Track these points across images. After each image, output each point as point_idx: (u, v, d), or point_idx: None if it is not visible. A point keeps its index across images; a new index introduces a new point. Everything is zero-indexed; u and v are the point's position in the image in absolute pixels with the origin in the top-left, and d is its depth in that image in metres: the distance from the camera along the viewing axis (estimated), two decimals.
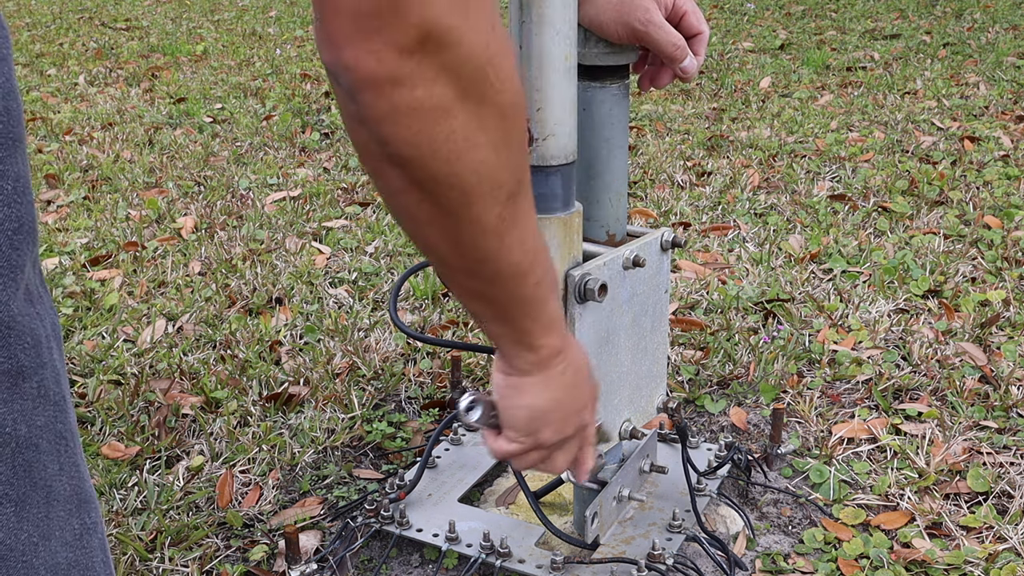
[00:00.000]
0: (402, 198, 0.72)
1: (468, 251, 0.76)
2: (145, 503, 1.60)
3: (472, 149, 0.69)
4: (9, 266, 0.62)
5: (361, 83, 0.63)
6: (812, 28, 5.59)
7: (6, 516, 0.64)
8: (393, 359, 2.03)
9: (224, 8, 7.03)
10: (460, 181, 0.70)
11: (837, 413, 1.83)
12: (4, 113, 0.60)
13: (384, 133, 0.66)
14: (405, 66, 0.62)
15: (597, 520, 1.33)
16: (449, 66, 0.64)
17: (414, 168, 0.68)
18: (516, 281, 0.81)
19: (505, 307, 0.84)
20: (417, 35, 0.62)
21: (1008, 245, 2.50)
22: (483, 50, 0.65)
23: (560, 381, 0.93)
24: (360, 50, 0.62)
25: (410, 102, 0.64)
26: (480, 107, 0.67)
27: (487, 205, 0.73)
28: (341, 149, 3.51)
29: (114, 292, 2.35)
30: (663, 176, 3.13)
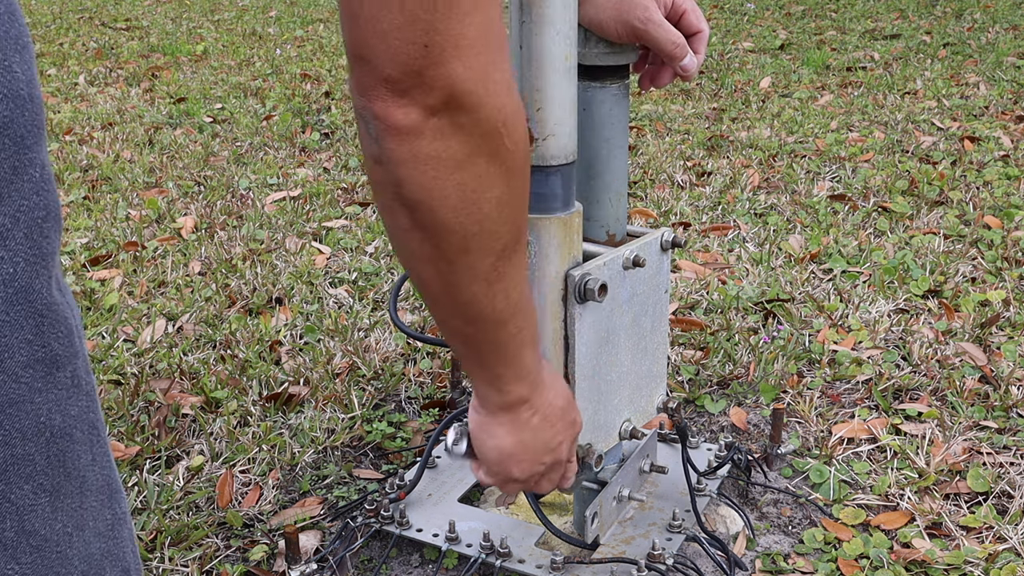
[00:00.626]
0: (406, 235, 0.78)
1: (457, 292, 0.82)
2: (145, 503, 1.60)
3: (478, 202, 0.76)
4: (41, 254, 0.62)
5: (387, 131, 0.71)
6: (812, 28, 5.60)
7: (41, 506, 0.65)
8: (393, 359, 2.03)
9: (224, 8, 7.03)
10: (462, 229, 0.76)
11: (837, 413, 1.83)
12: (29, 101, 0.61)
13: (400, 176, 0.73)
14: (428, 122, 0.70)
15: (597, 520, 1.33)
16: (467, 126, 0.72)
17: (422, 211, 0.75)
18: (495, 327, 0.87)
19: (481, 349, 0.91)
20: (441, 98, 0.70)
21: (1008, 245, 2.50)
22: (498, 113, 0.73)
23: (526, 426, 1.00)
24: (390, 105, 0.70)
25: (429, 152, 0.71)
26: (490, 164, 0.75)
27: (482, 254, 0.79)
28: (341, 149, 3.51)
29: (114, 292, 2.35)
30: (663, 176, 3.13)
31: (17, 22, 0.61)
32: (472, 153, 0.73)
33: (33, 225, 0.62)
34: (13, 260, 0.61)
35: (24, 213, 0.61)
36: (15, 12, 0.61)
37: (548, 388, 1.01)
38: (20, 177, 0.61)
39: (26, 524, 0.64)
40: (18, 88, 0.60)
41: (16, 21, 0.61)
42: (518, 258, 0.84)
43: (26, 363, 0.62)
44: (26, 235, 0.61)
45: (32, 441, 0.64)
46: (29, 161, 0.61)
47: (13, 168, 0.60)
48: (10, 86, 0.59)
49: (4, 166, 0.59)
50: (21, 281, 0.61)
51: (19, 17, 0.62)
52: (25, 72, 0.61)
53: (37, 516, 0.65)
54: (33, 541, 0.65)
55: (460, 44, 0.68)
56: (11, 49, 0.60)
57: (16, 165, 0.60)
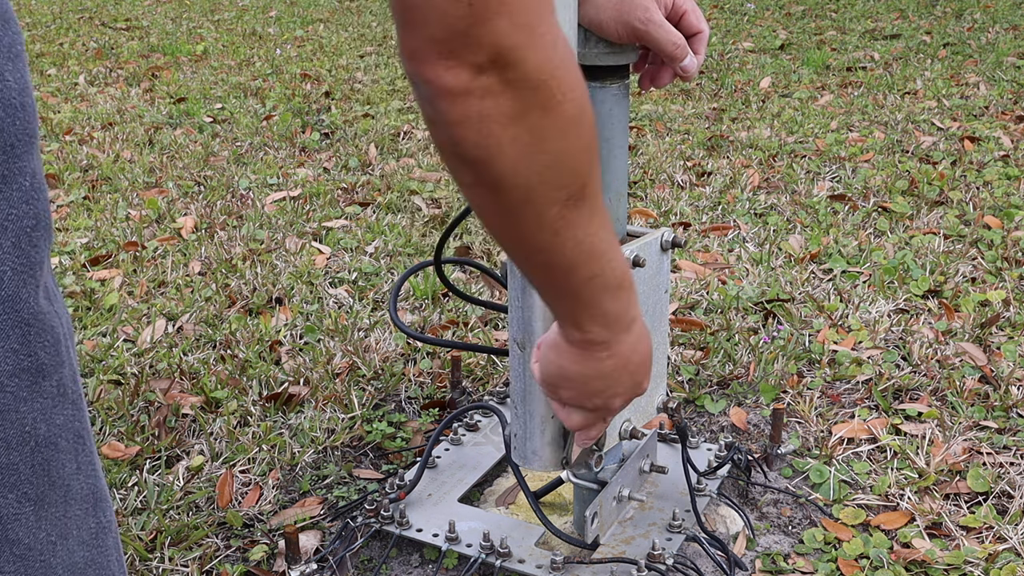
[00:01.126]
0: (471, 191, 0.80)
1: (525, 242, 0.84)
2: (145, 503, 1.60)
3: (535, 154, 0.76)
4: (29, 263, 0.62)
5: (437, 94, 0.72)
6: (812, 28, 5.60)
7: (25, 515, 0.64)
8: (393, 359, 2.03)
9: (224, 8, 7.03)
10: (523, 181, 0.77)
11: (837, 413, 1.83)
12: (21, 109, 0.61)
13: (456, 136, 0.74)
14: (476, 81, 0.71)
15: (597, 520, 1.33)
16: (515, 81, 0.72)
17: (481, 168, 0.76)
18: (567, 273, 0.88)
19: (555, 292, 0.92)
20: (488, 56, 0.70)
21: (1008, 245, 2.50)
22: (546, 65, 0.73)
23: (596, 365, 0.99)
24: (438, 67, 0.71)
25: (480, 111, 0.72)
26: (543, 117, 0.75)
27: (546, 204, 0.80)
28: (341, 149, 3.51)
29: (114, 292, 2.35)
30: (663, 176, 3.13)
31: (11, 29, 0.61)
32: (523, 108, 0.74)
33: (22, 234, 0.61)
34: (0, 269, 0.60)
35: (12, 222, 0.61)
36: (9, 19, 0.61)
37: (633, 340, 1.00)
38: (9, 186, 0.61)
39: (10, 533, 0.64)
40: (9, 96, 0.60)
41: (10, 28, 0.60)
42: (587, 205, 0.84)
43: (11, 372, 0.62)
44: (14, 244, 0.61)
45: (16, 450, 0.63)
46: (19, 170, 0.61)
47: (3, 176, 0.60)
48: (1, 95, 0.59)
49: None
50: (8, 290, 0.61)
51: (13, 24, 0.61)
52: (17, 80, 0.61)
53: (21, 525, 0.64)
54: (17, 550, 0.65)
55: (503, 1, 0.69)
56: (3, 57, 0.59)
57: (6, 174, 0.60)
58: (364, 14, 6.68)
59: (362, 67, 4.93)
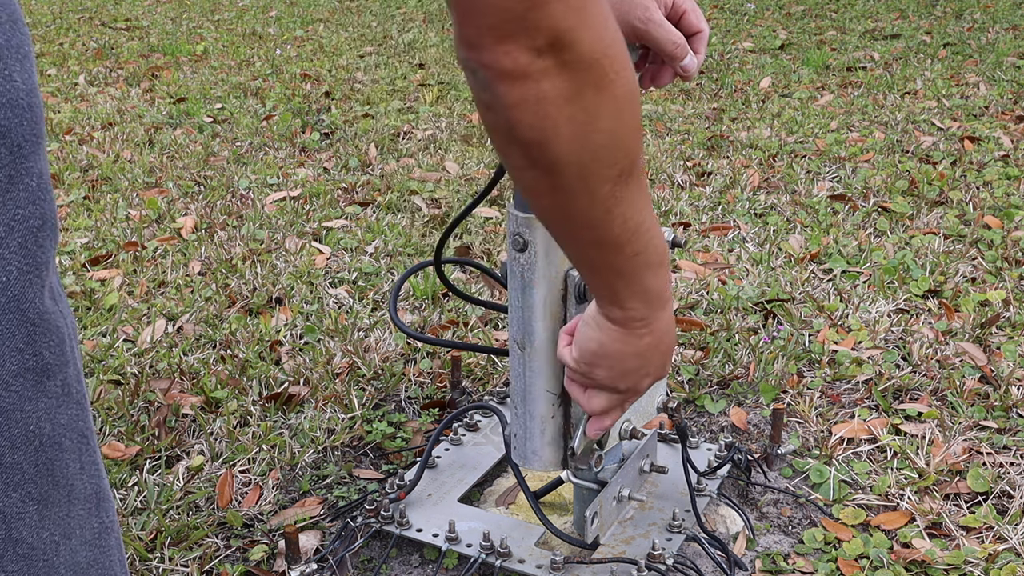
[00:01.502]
0: (523, 173, 0.82)
1: (576, 220, 0.86)
2: (145, 503, 1.60)
3: (590, 133, 0.78)
4: (35, 263, 0.62)
5: (496, 78, 0.74)
6: (812, 28, 5.60)
7: (29, 515, 0.65)
8: (393, 359, 2.03)
9: (224, 8, 7.03)
10: (577, 160, 0.79)
11: (837, 413, 1.83)
12: (28, 110, 0.61)
13: (513, 118, 0.76)
14: (534, 64, 0.73)
15: (597, 520, 1.33)
16: (570, 62, 0.74)
17: (537, 149, 0.78)
18: (614, 250, 0.90)
19: (600, 270, 0.94)
20: (545, 39, 0.72)
21: (1008, 245, 2.50)
22: (599, 45, 0.75)
23: (635, 342, 1.01)
24: (496, 52, 0.73)
25: (537, 93, 0.74)
26: (597, 95, 0.77)
27: (599, 182, 0.82)
28: (341, 149, 3.51)
29: (114, 292, 2.35)
30: (663, 176, 3.13)
31: (19, 30, 0.61)
32: (579, 87, 0.75)
33: (28, 234, 0.62)
34: (6, 269, 0.60)
35: (19, 222, 0.61)
36: (17, 20, 0.61)
37: (668, 318, 1.03)
38: (16, 186, 0.61)
39: (13, 532, 0.64)
40: (17, 97, 0.60)
41: (18, 29, 0.61)
42: (635, 182, 0.86)
43: (17, 372, 0.62)
44: (20, 244, 0.61)
45: (21, 450, 0.63)
46: (26, 170, 0.61)
47: (9, 177, 0.60)
48: (9, 95, 0.59)
49: (1, 174, 0.59)
50: (14, 290, 0.61)
51: (21, 25, 0.61)
52: (25, 81, 0.61)
53: (25, 524, 0.64)
54: (20, 549, 0.65)
55: None
56: (12, 58, 0.60)
57: (12, 174, 0.60)
58: (364, 14, 6.68)
59: (362, 67, 4.93)
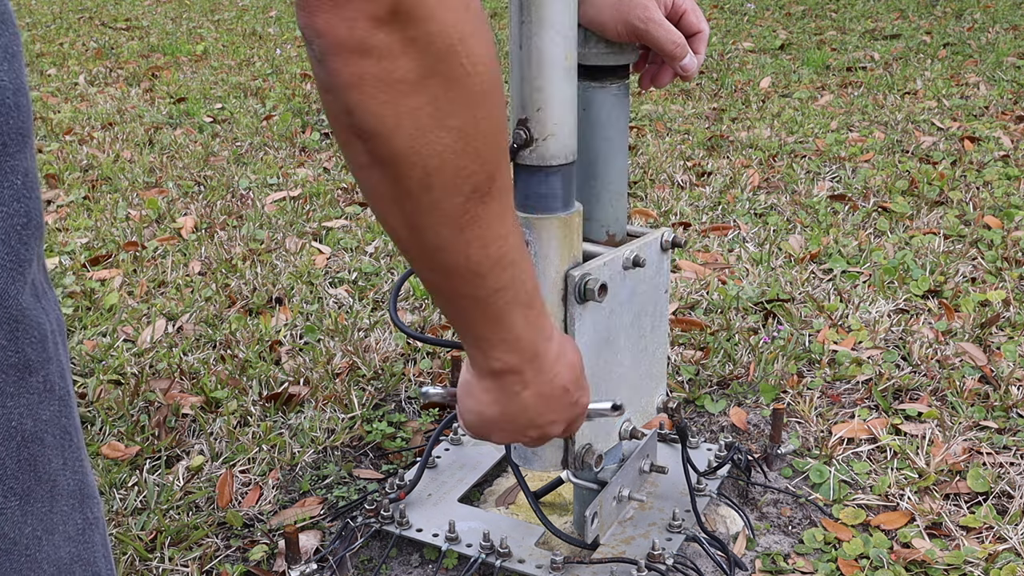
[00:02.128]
0: (366, 173, 0.72)
1: (424, 236, 0.75)
2: (145, 503, 1.60)
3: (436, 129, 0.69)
4: (18, 260, 0.62)
5: (331, 49, 0.65)
6: (812, 28, 5.59)
7: (11, 510, 0.65)
8: (393, 359, 2.03)
9: (224, 8, 7.03)
10: (422, 161, 0.69)
11: (837, 413, 1.83)
12: (15, 109, 0.61)
13: (350, 101, 0.67)
14: (375, 36, 0.64)
15: (597, 520, 1.33)
16: (417, 40, 0.65)
17: (377, 142, 0.69)
18: (471, 281, 0.79)
19: (459, 305, 0.82)
20: (389, 6, 0.63)
21: (1008, 245, 2.50)
22: (452, 28, 0.66)
23: (514, 400, 0.90)
24: (333, 16, 0.63)
25: (377, 72, 0.65)
26: (448, 88, 0.68)
27: (448, 193, 0.72)
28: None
29: (114, 292, 2.35)
30: (663, 176, 3.13)
31: (8, 30, 0.61)
32: (425, 74, 0.66)
33: (11, 232, 0.62)
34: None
35: (3, 220, 0.61)
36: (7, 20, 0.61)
37: (550, 363, 0.90)
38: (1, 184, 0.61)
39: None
40: (3, 97, 0.60)
41: (7, 29, 0.61)
42: (497, 205, 0.75)
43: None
44: (4, 241, 0.61)
45: (3, 445, 0.64)
46: (11, 168, 0.61)
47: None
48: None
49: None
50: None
51: (11, 25, 0.61)
52: (13, 80, 0.61)
53: (6, 519, 0.65)
54: (2, 544, 0.65)
55: None
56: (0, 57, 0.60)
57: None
58: None
59: None
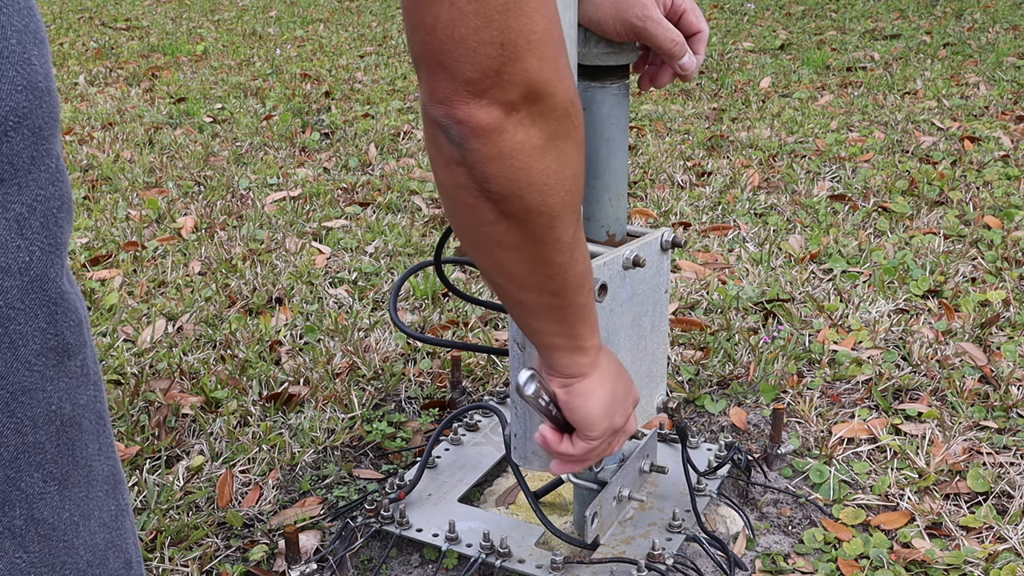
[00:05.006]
0: (491, 228, 0.81)
1: (543, 268, 0.86)
2: (145, 503, 1.60)
3: (561, 180, 0.80)
4: (55, 243, 0.63)
5: (472, 133, 0.75)
6: (812, 28, 5.60)
7: (50, 495, 0.65)
8: (393, 359, 2.03)
9: (224, 8, 7.03)
10: (549, 208, 0.81)
11: (837, 413, 1.83)
12: (47, 93, 0.62)
13: (488, 172, 0.77)
14: (510, 118, 0.74)
15: (597, 520, 1.33)
16: (544, 113, 0.76)
17: (510, 202, 0.79)
18: (577, 291, 0.91)
19: (566, 316, 0.93)
20: (520, 92, 0.74)
21: (1008, 245, 2.50)
22: (567, 94, 0.77)
23: (609, 370, 1.02)
24: (472, 107, 0.73)
25: (513, 145, 0.76)
26: (566, 143, 0.79)
27: (566, 226, 0.84)
28: (341, 149, 3.51)
29: (114, 292, 2.35)
30: (663, 176, 3.13)
31: (35, 17, 0.62)
32: (552, 137, 0.77)
33: (49, 214, 0.63)
34: (29, 249, 0.61)
35: (41, 203, 0.62)
36: (33, 7, 0.62)
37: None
38: (38, 167, 0.62)
39: (35, 512, 0.65)
40: (36, 80, 0.61)
41: (34, 16, 0.62)
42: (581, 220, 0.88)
43: (39, 351, 0.63)
44: (42, 224, 0.62)
45: (43, 429, 0.64)
46: (46, 152, 0.62)
47: (31, 158, 0.61)
48: (30, 78, 0.60)
49: (23, 156, 0.60)
50: (37, 270, 0.62)
51: (36, 12, 0.63)
52: (43, 65, 0.62)
53: (46, 504, 0.65)
54: (41, 530, 0.65)
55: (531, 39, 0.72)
56: (30, 42, 0.61)
57: (34, 155, 0.61)
58: (364, 14, 6.68)
59: (362, 67, 4.93)
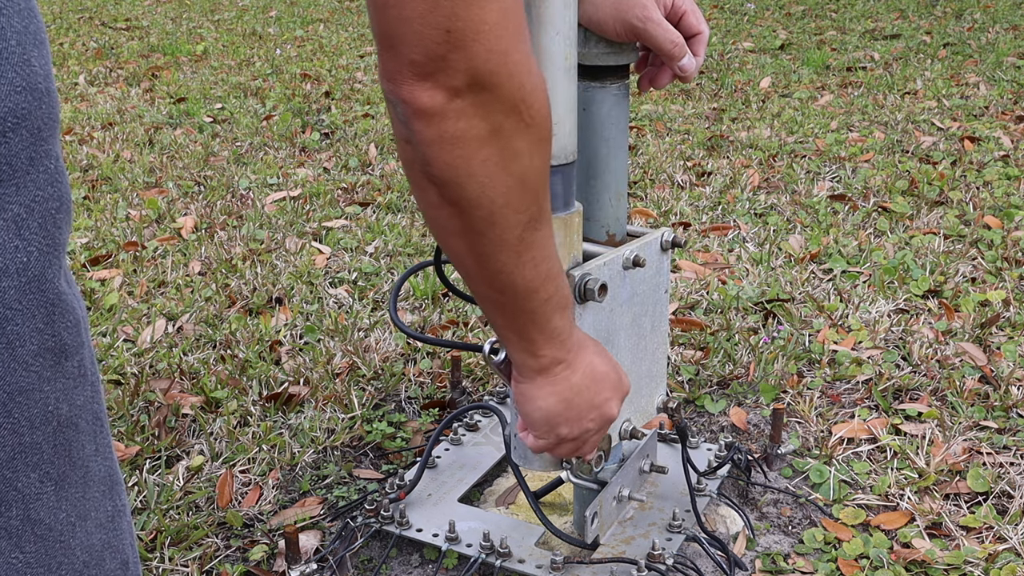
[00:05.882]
0: (437, 212, 0.83)
1: (487, 263, 0.87)
2: (145, 503, 1.60)
3: (502, 175, 0.80)
4: (53, 244, 0.64)
5: (414, 114, 0.75)
6: (812, 28, 5.60)
7: (47, 495, 0.65)
8: (393, 359, 2.03)
9: (224, 8, 7.03)
10: (488, 203, 0.81)
11: (837, 413, 1.83)
12: (46, 95, 0.62)
13: (429, 156, 0.77)
14: (452, 104, 0.75)
15: (597, 520, 1.33)
16: (488, 104, 0.76)
17: (451, 188, 0.79)
18: (526, 296, 0.91)
19: (514, 317, 0.94)
20: (464, 80, 0.74)
21: (1008, 245, 2.50)
22: (518, 91, 0.77)
23: (565, 384, 1.02)
24: (416, 88, 0.74)
25: (454, 132, 0.76)
26: (512, 139, 0.79)
27: (508, 226, 0.83)
28: (341, 149, 3.51)
29: (114, 292, 2.35)
30: (663, 176, 3.13)
31: (35, 18, 0.62)
32: (495, 130, 0.77)
33: (47, 215, 0.63)
34: (27, 249, 0.61)
35: (39, 204, 0.62)
36: (33, 8, 0.62)
37: (587, 350, 1.04)
38: (36, 168, 0.62)
39: (31, 512, 0.65)
40: (36, 81, 0.61)
41: (34, 17, 0.62)
42: (544, 230, 0.88)
43: (36, 352, 0.63)
44: (40, 225, 0.62)
45: (40, 429, 0.64)
46: (45, 153, 0.63)
47: (30, 159, 0.61)
48: (29, 79, 0.60)
49: (21, 156, 0.61)
50: (34, 270, 0.62)
51: (37, 13, 0.63)
52: (43, 66, 0.62)
53: (42, 505, 0.65)
54: (38, 530, 0.65)
55: (480, 29, 0.72)
56: (30, 43, 0.61)
57: (33, 156, 0.61)
58: (364, 14, 6.68)
59: (362, 67, 4.93)
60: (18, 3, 0.60)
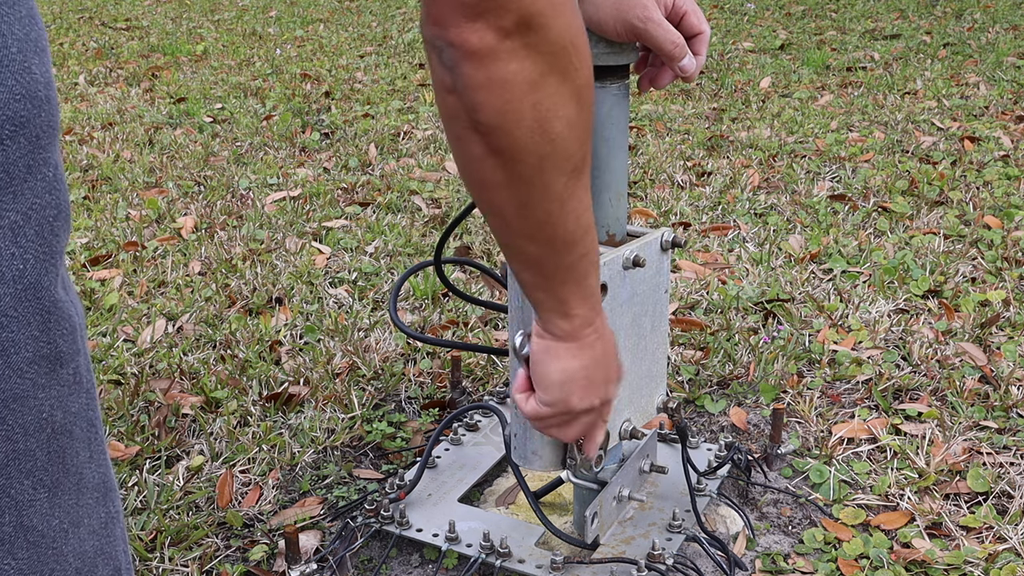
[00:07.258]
0: (480, 164, 0.81)
1: (531, 214, 0.85)
2: (145, 503, 1.60)
3: (551, 120, 0.79)
4: (50, 252, 0.63)
5: (463, 57, 0.74)
6: (812, 28, 5.60)
7: (40, 502, 0.65)
8: (393, 359, 2.03)
9: (224, 8, 7.03)
10: (537, 149, 0.79)
11: (837, 413, 1.83)
12: (46, 102, 0.62)
13: (477, 100, 0.76)
14: (502, 44, 0.74)
15: (597, 520, 1.33)
16: (538, 45, 0.75)
17: (498, 135, 0.78)
18: (566, 248, 0.90)
19: (551, 272, 0.93)
20: (514, 20, 0.73)
21: (1008, 245, 2.50)
22: (566, 31, 0.76)
23: (590, 351, 1.01)
24: (465, 30, 0.73)
25: (504, 75, 0.75)
26: (561, 83, 0.78)
27: (556, 174, 0.82)
28: (341, 149, 3.51)
29: (114, 292, 2.35)
30: (663, 176, 3.13)
31: (37, 25, 0.62)
32: (544, 72, 0.76)
33: (44, 223, 0.63)
34: (23, 257, 0.61)
35: (36, 211, 0.62)
36: (35, 16, 0.62)
37: (604, 318, 1.03)
38: (34, 176, 0.62)
39: (24, 519, 0.65)
40: (36, 89, 0.61)
41: (36, 24, 0.62)
42: (585, 179, 0.87)
43: (31, 359, 0.63)
44: (37, 233, 0.62)
45: (33, 437, 0.64)
46: (43, 160, 0.62)
47: (28, 167, 0.61)
48: (29, 87, 0.60)
49: (19, 164, 0.60)
50: (30, 278, 0.62)
51: (39, 21, 0.63)
52: (43, 74, 0.62)
53: (35, 512, 0.65)
54: (31, 537, 0.65)
55: None
56: (31, 51, 0.61)
57: (31, 164, 0.61)
58: (364, 14, 6.68)
59: (362, 67, 4.93)
60: (19, 10, 0.60)
